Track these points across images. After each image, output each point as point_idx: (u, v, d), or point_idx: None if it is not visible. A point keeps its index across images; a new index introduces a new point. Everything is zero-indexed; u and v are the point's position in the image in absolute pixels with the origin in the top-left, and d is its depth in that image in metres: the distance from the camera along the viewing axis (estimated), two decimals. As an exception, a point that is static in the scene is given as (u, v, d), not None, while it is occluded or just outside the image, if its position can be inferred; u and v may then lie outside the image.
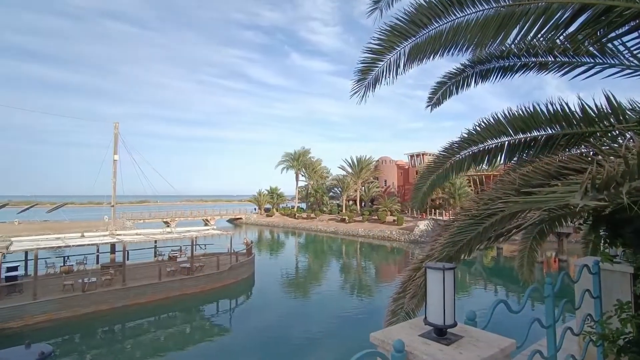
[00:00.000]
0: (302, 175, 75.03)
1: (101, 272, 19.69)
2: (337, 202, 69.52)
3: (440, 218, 43.70)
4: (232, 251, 24.52)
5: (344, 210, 60.92)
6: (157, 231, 24.93)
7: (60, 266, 21.33)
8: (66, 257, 22.96)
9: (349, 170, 64.50)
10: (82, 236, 21.30)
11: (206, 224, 61.01)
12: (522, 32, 2.76)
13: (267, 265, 32.15)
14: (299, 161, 72.57)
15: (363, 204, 64.03)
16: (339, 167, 67.07)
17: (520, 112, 3.86)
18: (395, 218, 49.45)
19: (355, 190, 63.12)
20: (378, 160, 67.66)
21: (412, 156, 64.39)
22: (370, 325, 16.35)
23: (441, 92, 5.29)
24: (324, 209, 66.82)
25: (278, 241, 52.17)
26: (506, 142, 4.20)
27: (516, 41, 2.91)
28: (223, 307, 20.28)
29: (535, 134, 3.88)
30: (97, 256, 24.13)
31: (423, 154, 62.01)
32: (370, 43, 3.72)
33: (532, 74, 4.51)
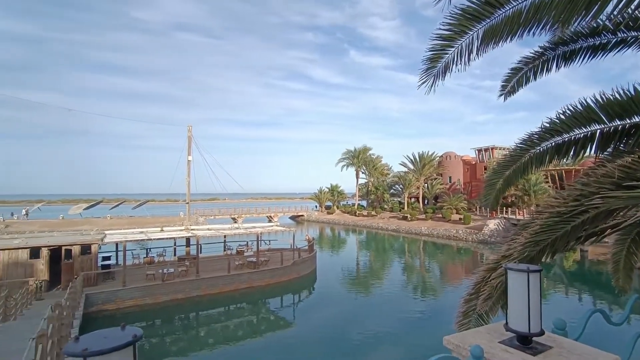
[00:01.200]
0: (363, 173, 74.47)
1: (178, 263, 21.43)
2: (399, 199, 67.86)
3: (513, 217, 40.51)
4: (295, 247, 25.17)
5: (405, 208, 59.29)
6: (226, 227, 26.51)
7: (144, 257, 23.67)
8: (148, 249, 25.43)
9: (411, 166, 62.56)
10: (162, 230, 23.41)
11: (270, 221, 63.44)
12: (623, 1, 2.37)
13: (329, 262, 32.48)
14: (359, 158, 72.12)
15: (426, 201, 61.74)
16: (400, 164, 65.33)
17: (618, 95, 3.34)
18: (461, 216, 46.93)
19: (418, 188, 61.06)
20: (442, 156, 64.70)
21: (479, 151, 60.51)
22: (434, 327, 15.72)
23: (516, 79, 4.82)
24: (385, 206, 65.65)
25: (339, 238, 52.44)
26: (598, 131, 3.69)
27: (614, 13, 2.51)
28: (286, 301, 20.91)
29: (637, 120, 3.34)
30: (174, 249, 26.35)
31: (492, 148, 57.98)
32: (440, 29, 3.49)
33: (632, 52, 3.90)
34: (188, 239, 24.11)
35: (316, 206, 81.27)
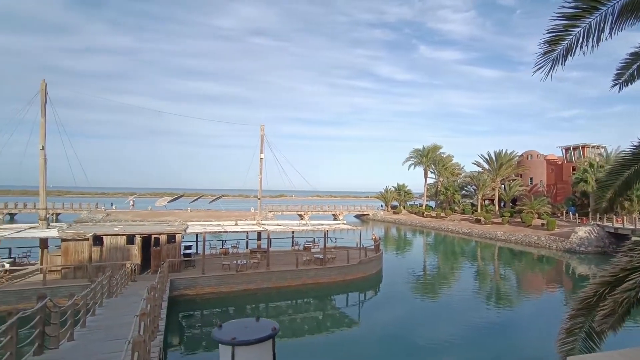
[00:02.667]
0: (432, 172, 71.53)
1: (250, 256, 22.59)
2: (471, 201, 63.92)
3: (609, 224, 35.76)
4: (361, 246, 25.03)
5: (479, 210, 55.64)
6: (294, 223, 27.35)
7: (220, 248, 25.38)
8: (224, 241, 27.19)
9: (486, 166, 58.46)
10: (236, 224, 24.92)
11: (335, 219, 63.97)
12: None
13: (395, 262, 31.78)
14: (428, 157, 69.39)
15: (502, 204, 57.30)
16: (474, 163, 61.35)
17: None
18: (544, 221, 42.68)
19: (493, 189, 56.86)
20: (522, 155, 59.46)
21: (567, 149, 54.48)
22: (508, 340, 14.52)
23: (637, 66, 4.16)
24: (456, 208, 62.33)
25: (405, 239, 51.05)
26: None
27: None
28: (352, 299, 20.91)
29: None
30: (247, 242, 27.84)
31: (583, 147, 51.85)
32: (563, 7, 3.12)
33: None
34: (259, 233, 25.32)
35: (382, 205, 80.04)
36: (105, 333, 8.98)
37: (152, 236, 20.41)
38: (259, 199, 26.71)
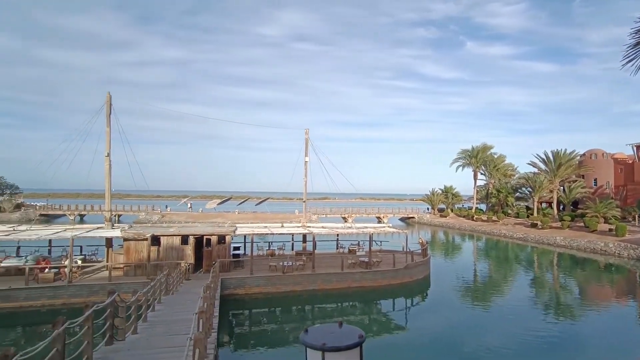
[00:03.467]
0: (482, 174, 68.33)
1: (296, 257, 22.95)
2: (526, 204, 60.26)
3: (690, 231, 31.94)
4: (408, 250, 24.48)
5: (535, 214, 52.17)
6: (339, 225, 27.41)
7: (267, 250, 26.06)
8: (270, 243, 27.87)
9: (543, 167, 54.74)
10: (282, 226, 25.46)
11: (379, 222, 63.10)
12: None
13: (443, 267, 30.70)
14: (477, 158, 66.37)
15: (562, 207, 53.30)
16: (529, 164, 57.63)
17: None
18: (612, 226, 39.06)
19: (551, 191, 53.06)
20: (584, 155, 55.04)
21: (639, 147, 49.52)
22: (570, 355, 13.38)
23: None
24: (509, 211, 58.98)
25: (454, 244, 49.13)
26: None
27: None
28: (399, 304, 20.50)
29: None
30: (292, 244, 28.33)
31: (658, 144, 46.88)
32: None
33: None
34: (305, 235, 25.66)
35: (428, 208, 77.76)
36: (164, 328, 9.58)
37: (204, 237, 21.43)
38: (304, 201, 27.10)
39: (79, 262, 20.87)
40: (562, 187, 53.77)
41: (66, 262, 18.79)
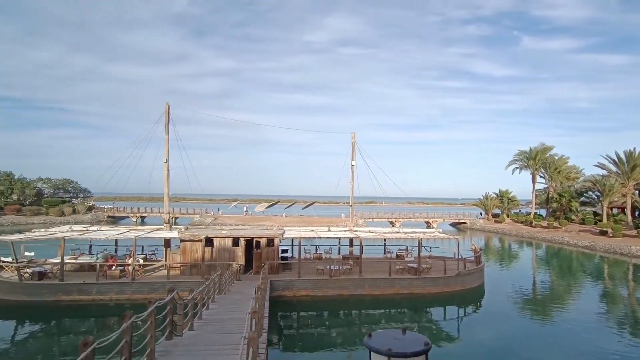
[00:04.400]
0: (541, 177, 63.78)
1: (342, 261, 22.91)
2: (593, 209, 55.22)
3: None
4: (460, 257, 23.44)
5: (604, 220, 47.56)
6: (386, 230, 26.97)
7: (313, 253, 26.29)
8: (317, 246, 28.10)
9: (613, 168, 49.86)
10: (329, 230, 25.56)
11: (428, 227, 61.15)
12: None
13: (499, 276, 28.97)
14: (536, 160, 62.02)
15: (637, 213, 48.09)
16: (597, 165, 52.70)
17: None
18: (699, 236, 34.55)
19: (624, 195, 48.11)
20: (663, 155, 49.25)
21: None
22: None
23: None
24: (573, 217, 54.38)
25: (510, 251, 46.22)
26: None
27: None
28: (450, 313, 19.66)
29: None
30: (339, 248, 28.33)
31: None
32: None
33: None
34: (351, 240, 25.55)
35: (481, 213, 74.04)
36: (218, 326, 10.01)
37: (254, 239, 22.12)
38: (351, 205, 27.03)
39: (141, 260, 22.49)
40: (637, 191, 48.56)
41: (130, 261, 20.33)
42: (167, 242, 23.26)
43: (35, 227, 43.04)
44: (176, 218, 65.68)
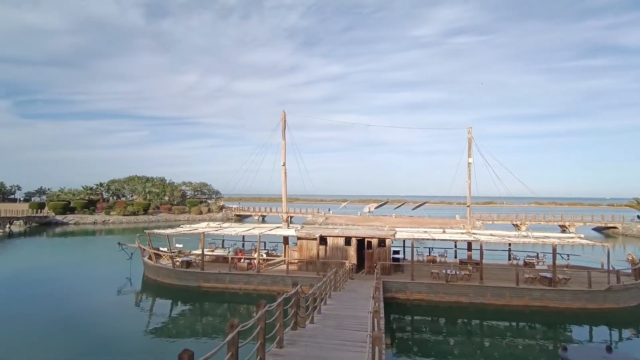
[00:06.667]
0: None
1: (460, 266, 21.40)
2: None
3: None
4: (611, 268, 19.57)
5: None
6: (511, 234, 24.16)
7: (427, 255, 25.19)
8: (430, 249, 26.84)
9: None
10: (444, 232, 24.16)
11: (564, 231, 52.74)
12: None
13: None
14: None
15: None
16: None
17: None
18: None
19: None
20: None
21: None
22: None
23: None
24: None
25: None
26: None
27: None
28: (598, 334, 16.54)
29: None
30: (455, 251, 26.55)
31: None
32: None
33: None
34: (470, 243, 23.68)
35: (638, 216, 60.60)
36: (336, 322, 10.39)
37: (366, 239, 22.31)
38: (468, 206, 25.05)
39: (264, 255, 24.81)
40: None
41: (255, 255, 22.62)
42: (286, 239, 25.17)
43: (181, 223, 51.37)
44: (291, 217, 70.65)
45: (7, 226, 53.71)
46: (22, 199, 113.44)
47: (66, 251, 40.22)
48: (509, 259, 24.73)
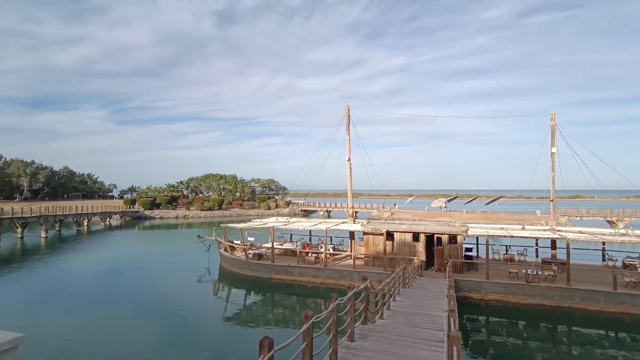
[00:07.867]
0: None
1: (542, 266, 19.58)
2: None
3: None
4: None
5: None
6: (606, 232, 21.40)
7: (504, 254, 23.44)
8: (508, 246, 24.92)
9: None
10: (523, 229, 22.25)
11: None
12: None
13: None
14: None
15: None
16: None
17: None
18: None
19: None
20: None
21: None
22: None
23: None
24: None
25: None
26: None
27: None
28: None
29: None
30: (536, 250, 24.36)
31: None
32: None
33: None
34: (554, 241, 21.51)
35: None
36: (406, 319, 10.17)
37: (435, 235, 21.46)
38: (552, 200, 22.71)
39: (331, 250, 25.15)
40: None
41: (322, 249, 23.03)
42: (352, 234, 25.23)
43: (252, 218, 54.16)
44: (356, 212, 70.54)
45: (107, 220, 61.38)
46: (117, 196, 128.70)
47: (154, 242, 44.93)
48: (603, 260, 22.00)
